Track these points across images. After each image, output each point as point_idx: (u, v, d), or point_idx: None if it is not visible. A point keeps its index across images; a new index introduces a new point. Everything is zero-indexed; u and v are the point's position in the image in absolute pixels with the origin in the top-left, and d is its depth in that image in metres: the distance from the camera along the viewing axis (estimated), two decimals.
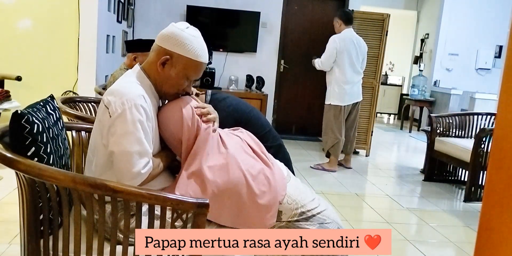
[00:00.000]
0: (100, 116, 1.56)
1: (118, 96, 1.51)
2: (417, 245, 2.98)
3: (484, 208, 1.11)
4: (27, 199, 1.44)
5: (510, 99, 1.03)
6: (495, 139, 1.08)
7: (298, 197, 1.63)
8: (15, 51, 4.33)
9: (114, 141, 1.49)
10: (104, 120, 1.52)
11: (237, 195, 1.55)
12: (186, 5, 6.41)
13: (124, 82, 1.59)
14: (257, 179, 1.58)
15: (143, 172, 1.49)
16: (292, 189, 1.65)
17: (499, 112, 1.08)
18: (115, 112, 1.48)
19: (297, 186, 1.69)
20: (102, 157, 1.57)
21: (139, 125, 1.48)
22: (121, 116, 1.48)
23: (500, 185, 1.04)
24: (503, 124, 1.05)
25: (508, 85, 1.03)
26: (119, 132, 1.48)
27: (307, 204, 1.63)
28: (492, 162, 1.08)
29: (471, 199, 4.01)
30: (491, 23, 7.97)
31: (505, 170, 1.03)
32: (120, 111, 1.48)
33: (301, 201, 1.62)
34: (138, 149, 1.48)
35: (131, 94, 1.51)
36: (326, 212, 1.65)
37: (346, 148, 4.93)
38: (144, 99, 1.52)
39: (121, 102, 1.49)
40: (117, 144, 1.48)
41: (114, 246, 1.41)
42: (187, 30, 1.63)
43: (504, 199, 1.03)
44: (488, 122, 4.68)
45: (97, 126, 1.58)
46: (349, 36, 4.71)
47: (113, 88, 1.56)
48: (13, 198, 2.87)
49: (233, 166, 1.56)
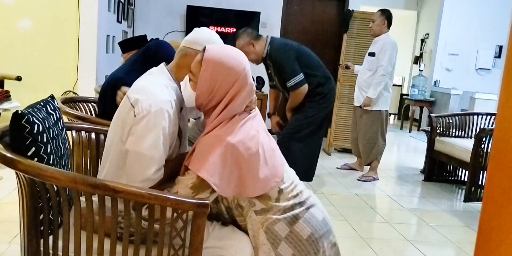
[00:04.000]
0: (123, 113, 1.54)
1: (146, 96, 1.50)
2: (417, 245, 2.98)
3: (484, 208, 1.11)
4: (27, 199, 1.44)
5: (510, 99, 1.03)
6: (495, 139, 1.08)
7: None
8: (15, 51, 4.33)
9: (132, 141, 1.48)
10: (128, 118, 1.51)
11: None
12: (186, 5, 6.41)
13: (152, 83, 1.57)
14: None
15: (153, 178, 1.48)
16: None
17: (499, 112, 1.08)
18: (141, 113, 1.47)
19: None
20: (116, 154, 1.56)
21: (160, 131, 1.47)
22: (145, 118, 1.47)
23: (500, 185, 1.04)
24: (503, 124, 1.05)
25: (508, 85, 1.03)
26: (140, 133, 1.47)
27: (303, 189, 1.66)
28: (492, 162, 1.08)
29: (471, 199, 4.01)
30: (491, 23, 7.96)
31: (505, 170, 1.03)
32: (146, 113, 1.47)
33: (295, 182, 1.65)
34: (154, 154, 1.47)
35: (160, 97, 1.50)
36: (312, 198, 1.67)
37: (359, 151, 4.80)
38: (171, 105, 1.52)
39: (149, 104, 1.47)
40: (134, 144, 1.47)
41: (114, 245, 1.41)
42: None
43: (504, 199, 1.03)
44: (488, 122, 4.68)
45: (118, 122, 1.56)
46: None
47: (140, 86, 1.55)
48: (13, 198, 2.87)
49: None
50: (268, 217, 1.56)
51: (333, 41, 6.89)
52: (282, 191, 1.58)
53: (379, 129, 4.57)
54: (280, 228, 1.56)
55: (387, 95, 4.56)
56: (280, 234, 1.56)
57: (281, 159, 1.65)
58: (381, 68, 4.40)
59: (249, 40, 3.37)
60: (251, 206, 1.56)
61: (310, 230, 1.58)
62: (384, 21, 4.51)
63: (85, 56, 4.32)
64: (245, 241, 1.57)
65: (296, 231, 1.57)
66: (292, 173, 1.69)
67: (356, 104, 4.72)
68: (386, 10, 4.60)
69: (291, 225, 1.56)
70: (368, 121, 4.58)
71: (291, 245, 1.56)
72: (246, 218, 1.58)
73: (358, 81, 4.70)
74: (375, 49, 4.51)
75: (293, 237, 1.56)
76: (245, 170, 1.50)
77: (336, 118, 5.75)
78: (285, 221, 1.56)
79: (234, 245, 1.54)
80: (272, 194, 1.56)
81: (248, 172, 1.51)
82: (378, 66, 4.44)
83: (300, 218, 1.58)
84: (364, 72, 4.63)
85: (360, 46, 5.58)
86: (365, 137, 4.60)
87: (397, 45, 4.47)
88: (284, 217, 1.56)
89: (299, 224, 1.57)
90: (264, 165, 1.54)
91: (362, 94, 4.58)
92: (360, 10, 6.09)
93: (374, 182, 4.54)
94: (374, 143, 4.57)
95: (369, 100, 4.44)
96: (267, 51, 3.38)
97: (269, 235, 1.55)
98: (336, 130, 5.75)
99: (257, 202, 1.56)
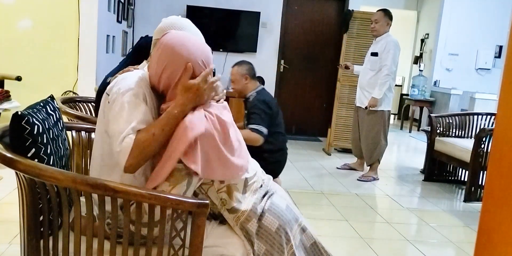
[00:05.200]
0: (102, 105, 1.55)
1: (117, 85, 1.51)
2: (417, 245, 2.98)
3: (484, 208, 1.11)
4: (27, 199, 1.44)
5: (510, 99, 1.03)
6: (495, 139, 1.09)
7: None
8: (15, 51, 4.33)
9: (109, 124, 1.46)
10: (105, 108, 1.51)
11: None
12: (186, 5, 6.41)
13: (128, 75, 1.58)
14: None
15: (117, 149, 1.39)
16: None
17: (499, 112, 1.08)
18: (112, 97, 1.48)
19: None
20: (99, 146, 1.55)
21: (126, 107, 1.44)
22: (116, 100, 1.46)
23: (500, 185, 1.04)
24: (503, 124, 1.05)
25: (508, 85, 1.03)
26: (113, 115, 1.45)
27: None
28: (492, 162, 1.08)
29: (471, 199, 4.01)
30: (491, 23, 7.96)
31: (505, 170, 1.03)
32: (115, 96, 1.47)
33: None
34: (116, 127, 1.42)
35: (129, 81, 1.50)
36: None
37: (360, 152, 4.80)
38: (143, 89, 1.50)
39: (118, 88, 1.48)
40: (112, 125, 1.44)
41: (114, 245, 1.41)
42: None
43: (504, 199, 1.03)
44: (488, 122, 4.68)
45: (100, 116, 1.56)
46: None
47: (116, 78, 1.57)
48: (13, 198, 2.87)
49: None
50: (240, 214, 1.57)
51: (333, 41, 6.89)
52: (248, 181, 1.60)
53: (382, 130, 4.56)
54: (253, 226, 1.57)
55: (390, 95, 4.55)
56: (252, 230, 1.57)
57: (246, 152, 1.66)
58: (385, 68, 4.38)
59: (247, 73, 3.36)
60: (223, 205, 1.58)
61: (277, 221, 1.59)
62: (388, 22, 4.51)
63: (85, 56, 4.32)
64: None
65: (265, 225, 1.58)
66: (254, 163, 1.71)
67: (358, 105, 4.71)
68: (388, 10, 4.60)
69: (260, 220, 1.58)
70: (371, 121, 4.57)
71: (262, 240, 1.57)
72: (224, 216, 1.60)
73: (360, 82, 4.69)
74: (378, 48, 4.50)
75: (263, 232, 1.58)
76: (210, 151, 1.48)
77: (336, 118, 5.75)
78: (256, 217, 1.58)
79: (233, 243, 1.55)
80: (239, 185, 1.58)
81: (213, 152, 1.48)
82: (381, 66, 4.42)
83: (266, 210, 1.59)
84: (366, 72, 4.61)
85: (360, 46, 5.58)
86: (368, 138, 4.59)
87: (399, 44, 4.47)
88: (254, 212, 1.58)
89: (266, 218, 1.59)
90: (232, 153, 1.54)
91: (365, 94, 4.56)
92: (360, 10, 6.10)
93: (374, 182, 4.54)
94: (377, 144, 4.56)
95: (375, 101, 4.43)
96: (252, 95, 3.36)
97: (244, 232, 1.57)
98: (336, 130, 5.75)
99: (228, 199, 1.57)
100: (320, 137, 6.92)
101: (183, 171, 1.44)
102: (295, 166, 4.93)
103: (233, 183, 1.57)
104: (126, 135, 1.39)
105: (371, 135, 4.57)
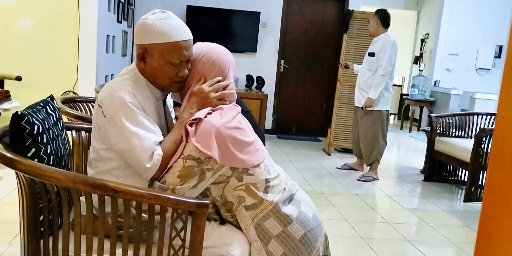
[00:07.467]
0: (94, 114, 1.55)
1: (109, 94, 1.50)
2: (417, 245, 2.98)
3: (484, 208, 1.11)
4: (27, 200, 1.44)
5: (510, 99, 1.03)
6: (495, 139, 1.09)
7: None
8: (15, 51, 4.33)
9: (115, 141, 1.48)
10: (98, 118, 1.52)
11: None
12: (186, 5, 6.41)
13: (118, 81, 1.58)
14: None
15: (148, 166, 1.45)
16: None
17: (499, 112, 1.08)
18: (108, 112, 1.47)
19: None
20: (94, 152, 1.57)
21: (131, 122, 1.46)
22: (114, 116, 1.46)
23: (500, 185, 1.04)
24: (503, 124, 1.05)
25: (508, 85, 1.03)
26: (115, 132, 1.47)
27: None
28: (492, 162, 1.08)
29: (471, 199, 4.01)
30: (491, 23, 7.96)
31: (505, 170, 1.03)
32: (113, 111, 1.46)
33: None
34: (138, 143, 1.45)
35: (121, 91, 1.49)
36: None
37: (360, 152, 4.79)
38: (135, 96, 1.50)
39: (111, 100, 1.48)
40: (120, 143, 1.47)
41: (114, 245, 1.41)
42: (152, 16, 1.65)
43: (504, 199, 1.03)
44: (488, 122, 4.68)
45: (94, 123, 1.57)
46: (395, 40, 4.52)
47: (105, 86, 1.56)
48: (13, 198, 2.87)
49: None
50: (258, 212, 1.56)
51: (333, 41, 6.90)
52: (269, 181, 1.58)
53: (380, 130, 4.56)
54: (271, 225, 1.55)
55: (388, 95, 4.55)
56: (271, 231, 1.56)
57: (263, 148, 1.67)
58: (381, 68, 4.38)
59: None
60: (241, 202, 1.56)
61: (303, 230, 1.58)
62: (377, 21, 4.51)
63: (85, 56, 4.32)
64: (243, 239, 1.57)
65: (289, 231, 1.57)
66: (277, 167, 1.70)
67: (356, 104, 4.71)
68: (379, 10, 4.59)
69: (285, 226, 1.56)
70: (369, 121, 4.57)
71: (282, 244, 1.56)
72: (236, 214, 1.58)
73: (358, 82, 4.69)
74: (375, 49, 4.51)
75: (285, 236, 1.56)
76: (231, 145, 1.51)
77: (336, 118, 5.75)
78: (277, 219, 1.56)
79: (233, 244, 1.54)
80: (260, 186, 1.56)
81: (234, 145, 1.51)
82: (377, 66, 4.43)
83: (294, 219, 1.58)
84: (364, 72, 4.62)
85: (360, 46, 5.58)
86: (366, 138, 4.59)
87: (396, 44, 4.46)
88: (274, 213, 1.56)
89: (293, 226, 1.57)
90: (250, 144, 1.56)
91: (363, 94, 4.57)
92: (360, 10, 6.10)
93: (374, 182, 4.54)
94: (375, 144, 4.56)
95: (370, 101, 4.44)
96: None
97: (259, 231, 1.55)
98: (336, 130, 5.75)
99: (246, 197, 1.55)
100: (320, 137, 6.92)
101: (195, 168, 1.46)
102: (295, 166, 4.93)
103: (253, 182, 1.56)
104: (153, 151, 1.46)
105: (369, 135, 4.57)
